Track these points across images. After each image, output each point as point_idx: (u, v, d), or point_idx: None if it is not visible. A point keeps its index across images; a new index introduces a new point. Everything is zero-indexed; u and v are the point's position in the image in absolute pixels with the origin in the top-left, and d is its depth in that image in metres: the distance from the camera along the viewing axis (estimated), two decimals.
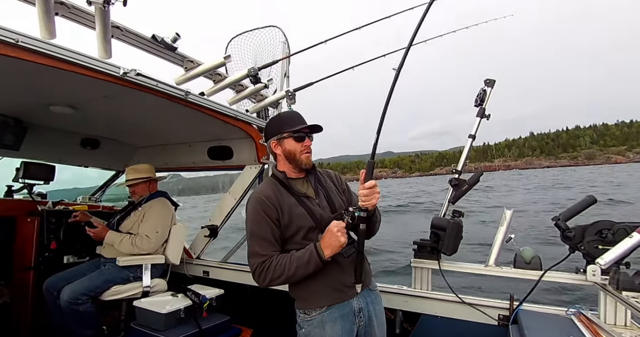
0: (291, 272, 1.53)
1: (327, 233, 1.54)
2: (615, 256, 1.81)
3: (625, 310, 1.83)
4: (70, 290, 2.60)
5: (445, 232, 2.35)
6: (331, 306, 1.61)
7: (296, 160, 1.72)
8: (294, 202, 1.67)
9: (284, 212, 1.63)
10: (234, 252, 3.48)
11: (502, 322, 2.14)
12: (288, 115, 1.79)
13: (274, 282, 1.56)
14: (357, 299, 1.67)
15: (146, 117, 2.97)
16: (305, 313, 1.64)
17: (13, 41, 1.52)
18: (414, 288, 2.46)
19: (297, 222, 1.64)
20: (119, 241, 2.82)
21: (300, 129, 1.70)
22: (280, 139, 1.73)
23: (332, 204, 1.75)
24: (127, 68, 1.93)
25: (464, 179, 2.53)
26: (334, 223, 1.54)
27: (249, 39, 3.00)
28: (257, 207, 1.62)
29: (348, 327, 1.62)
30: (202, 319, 2.59)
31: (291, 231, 1.64)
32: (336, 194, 1.81)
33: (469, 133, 2.60)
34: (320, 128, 1.75)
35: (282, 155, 1.75)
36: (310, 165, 1.75)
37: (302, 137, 1.71)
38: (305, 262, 1.53)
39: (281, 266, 1.54)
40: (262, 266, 1.56)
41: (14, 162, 3.35)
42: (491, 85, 2.58)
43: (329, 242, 1.52)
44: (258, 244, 1.59)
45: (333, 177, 1.91)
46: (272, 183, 1.74)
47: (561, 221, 2.17)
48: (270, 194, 1.65)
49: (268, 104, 2.98)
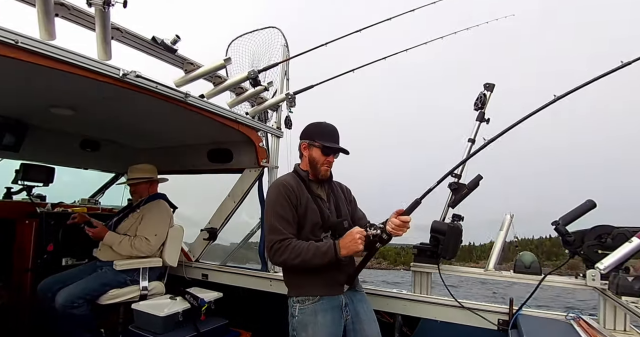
0: (307, 257, 1.66)
1: (348, 236, 1.66)
2: (614, 261, 1.80)
3: (625, 315, 1.82)
4: (66, 293, 2.57)
5: (445, 236, 2.34)
6: (323, 297, 1.77)
7: (315, 168, 1.91)
8: (310, 198, 1.85)
9: (301, 203, 1.81)
10: (232, 255, 3.47)
11: (502, 327, 2.12)
12: (329, 129, 1.95)
13: (288, 262, 1.70)
14: (344, 296, 1.84)
15: (146, 119, 2.96)
16: (299, 302, 1.77)
17: (13, 42, 1.52)
18: (414, 292, 2.45)
19: (310, 216, 1.81)
20: (118, 242, 2.80)
21: (330, 146, 1.88)
22: (311, 145, 1.92)
23: (339, 210, 1.95)
24: (126, 70, 1.93)
25: (463, 183, 2.52)
26: (358, 229, 1.67)
27: (249, 41, 3.01)
28: (280, 191, 1.80)
29: (337, 319, 1.77)
30: (201, 322, 2.58)
31: (303, 222, 1.81)
32: (344, 203, 2.01)
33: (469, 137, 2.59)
34: (347, 152, 1.94)
35: (307, 158, 1.94)
36: (326, 177, 1.94)
37: (329, 154, 1.90)
38: (322, 253, 1.66)
39: (299, 249, 1.67)
40: (281, 244, 1.69)
41: (14, 164, 3.34)
42: (490, 90, 2.58)
43: (348, 245, 1.65)
44: (280, 223, 1.74)
45: (344, 189, 2.12)
46: (294, 177, 1.93)
47: (561, 225, 2.16)
48: (292, 184, 1.84)
49: (268, 106, 2.98)
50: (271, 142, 3.19)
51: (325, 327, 1.71)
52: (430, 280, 2.46)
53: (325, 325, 1.72)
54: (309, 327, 1.71)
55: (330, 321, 1.74)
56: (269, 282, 2.92)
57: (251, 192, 3.25)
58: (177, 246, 3.17)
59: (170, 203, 3.22)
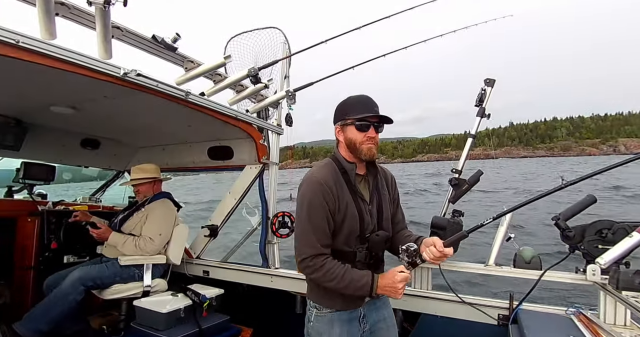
0: (341, 285, 1.51)
1: (390, 279, 1.51)
2: (615, 256, 1.81)
3: (625, 309, 1.83)
4: (82, 272, 2.65)
5: (445, 232, 2.35)
6: (342, 309, 1.64)
7: (357, 150, 1.59)
8: (351, 200, 1.59)
9: (340, 207, 1.55)
10: (234, 252, 3.48)
11: (502, 322, 2.14)
12: (356, 100, 1.63)
13: (321, 282, 1.55)
14: (362, 308, 1.69)
15: (146, 118, 2.97)
16: (317, 308, 1.66)
17: (13, 41, 1.52)
18: (414, 288, 2.46)
19: (348, 224, 1.58)
20: (123, 242, 2.83)
21: (364, 117, 1.56)
22: (343, 125, 1.62)
23: (381, 214, 1.69)
24: (127, 68, 1.93)
25: (464, 178, 2.53)
26: (403, 276, 1.50)
27: (249, 39, 3.00)
28: (318, 193, 1.52)
29: (354, 332, 1.65)
30: (202, 318, 2.60)
31: (338, 230, 1.58)
32: (388, 203, 1.74)
33: (470, 133, 2.60)
34: (391, 120, 1.61)
35: (344, 143, 1.63)
36: (372, 157, 1.61)
37: (367, 126, 1.56)
38: (357, 287, 1.52)
39: (334, 273, 1.51)
40: (314, 262, 1.52)
41: (14, 163, 3.35)
42: (491, 85, 2.58)
43: (387, 290, 1.52)
44: (315, 234, 1.52)
45: (389, 182, 1.81)
46: (333, 170, 1.62)
47: (561, 220, 2.17)
48: (331, 183, 1.55)
49: (268, 104, 2.98)
50: (272, 139, 3.19)
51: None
52: (431, 275, 2.47)
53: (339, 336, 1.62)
54: (324, 336, 1.63)
55: (346, 333, 1.62)
56: (270, 278, 2.93)
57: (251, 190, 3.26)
58: (181, 245, 3.19)
59: (175, 202, 3.24)
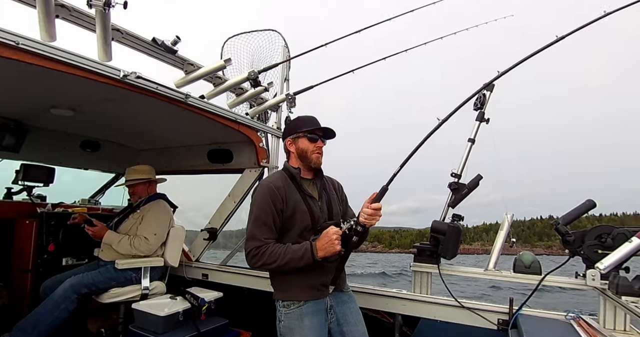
0: (283, 262, 1.65)
1: (324, 237, 1.65)
2: (614, 261, 1.80)
3: (625, 315, 1.82)
4: (75, 280, 2.61)
5: (445, 236, 2.34)
6: (308, 301, 1.76)
7: (307, 159, 1.85)
8: (300, 199, 1.79)
9: (289, 205, 1.75)
10: (232, 255, 3.48)
11: (502, 327, 2.13)
12: (306, 118, 1.92)
13: (265, 266, 1.70)
14: (329, 298, 1.83)
15: (146, 120, 2.97)
16: (285, 307, 1.77)
17: (13, 43, 1.53)
18: (414, 292, 2.46)
19: (299, 218, 1.76)
20: (117, 241, 2.81)
21: (313, 130, 1.85)
22: (295, 138, 1.87)
23: (331, 209, 1.89)
24: (127, 71, 1.94)
25: (463, 182, 2.52)
26: (333, 229, 1.65)
27: (247, 41, 3.00)
28: (266, 195, 1.73)
29: (322, 322, 1.78)
30: (201, 322, 2.58)
31: (290, 225, 1.77)
32: (336, 201, 1.95)
33: (469, 137, 2.59)
34: (334, 133, 1.89)
35: (295, 154, 1.89)
36: (320, 164, 1.89)
37: (316, 139, 1.86)
38: (299, 257, 1.65)
39: (276, 254, 1.66)
40: (258, 250, 1.68)
41: (14, 165, 3.35)
42: (490, 89, 2.57)
43: (325, 246, 1.63)
44: (259, 229, 1.71)
45: (336, 185, 2.05)
46: (283, 176, 1.86)
47: (561, 225, 2.16)
48: (280, 186, 1.77)
49: (268, 107, 2.99)
50: (271, 142, 3.19)
51: (310, 331, 1.72)
52: (431, 280, 2.46)
53: (310, 328, 1.72)
54: (295, 331, 1.72)
55: (316, 324, 1.74)
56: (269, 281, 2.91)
57: None
58: (178, 246, 3.18)
59: (170, 203, 3.23)
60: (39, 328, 2.49)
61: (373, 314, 2.58)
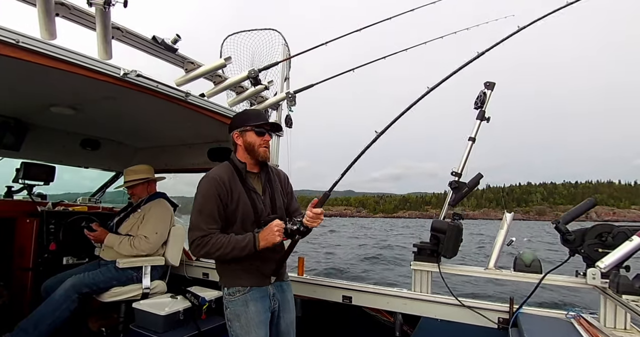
0: (226, 251, 1.72)
1: (267, 229, 1.74)
2: (615, 260, 1.81)
3: (625, 313, 1.83)
4: (76, 280, 2.61)
5: (445, 235, 2.35)
6: (252, 287, 1.84)
7: (254, 152, 1.90)
8: (243, 191, 1.86)
9: (233, 198, 1.82)
10: None
11: (502, 326, 2.13)
12: (254, 113, 2.01)
13: (208, 256, 1.77)
14: (271, 286, 1.92)
15: (146, 118, 2.96)
16: (230, 294, 1.84)
17: (14, 42, 1.53)
18: (414, 291, 2.46)
19: (242, 210, 1.83)
20: (118, 243, 2.82)
21: (261, 124, 1.91)
22: (242, 131, 1.92)
23: (274, 203, 1.95)
24: (127, 69, 1.94)
25: (463, 181, 2.52)
26: (277, 222, 1.75)
27: (247, 39, 2.99)
28: (210, 186, 1.79)
29: (266, 307, 1.87)
30: (201, 321, 2.59)
31: (233, 218, 1.83)
32: (280, 195, 2.02)
33: (469, 136, 2.59)
34: (280, 128, 1.98)
35: (242, 147, 1.93)
36: (267, 158, 1.94)
37: (263, 133, 1.91)
38: (242, 247, 1.72)
39: (219, 243, 1.72)
40: (202, 240, 1.73)
41: (14, 163, 3.35)
42: (491, 88, 2.57)
43: (267, 237, 1.73)
44: (204, 220, 1.76)
45: (282, 178, 2.12)
46: (228, 169, 1.91)
47: (561, 224, 2.16)
48: (225, 178, 1.83)
49: (268, 105, 2.97)
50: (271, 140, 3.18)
51: (255, 316, 1.80)
52: (431, 279, 2.46)
53: (255, 313, 1.80)
54: (241, 316, 1.80)
55: (261, 309, 1.83)
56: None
57: None
58: (179, 245, 3.18)
59: (171, 202, 3.22)
60: (40, 328, 2.49)
61: (373, 313, 2.58)
